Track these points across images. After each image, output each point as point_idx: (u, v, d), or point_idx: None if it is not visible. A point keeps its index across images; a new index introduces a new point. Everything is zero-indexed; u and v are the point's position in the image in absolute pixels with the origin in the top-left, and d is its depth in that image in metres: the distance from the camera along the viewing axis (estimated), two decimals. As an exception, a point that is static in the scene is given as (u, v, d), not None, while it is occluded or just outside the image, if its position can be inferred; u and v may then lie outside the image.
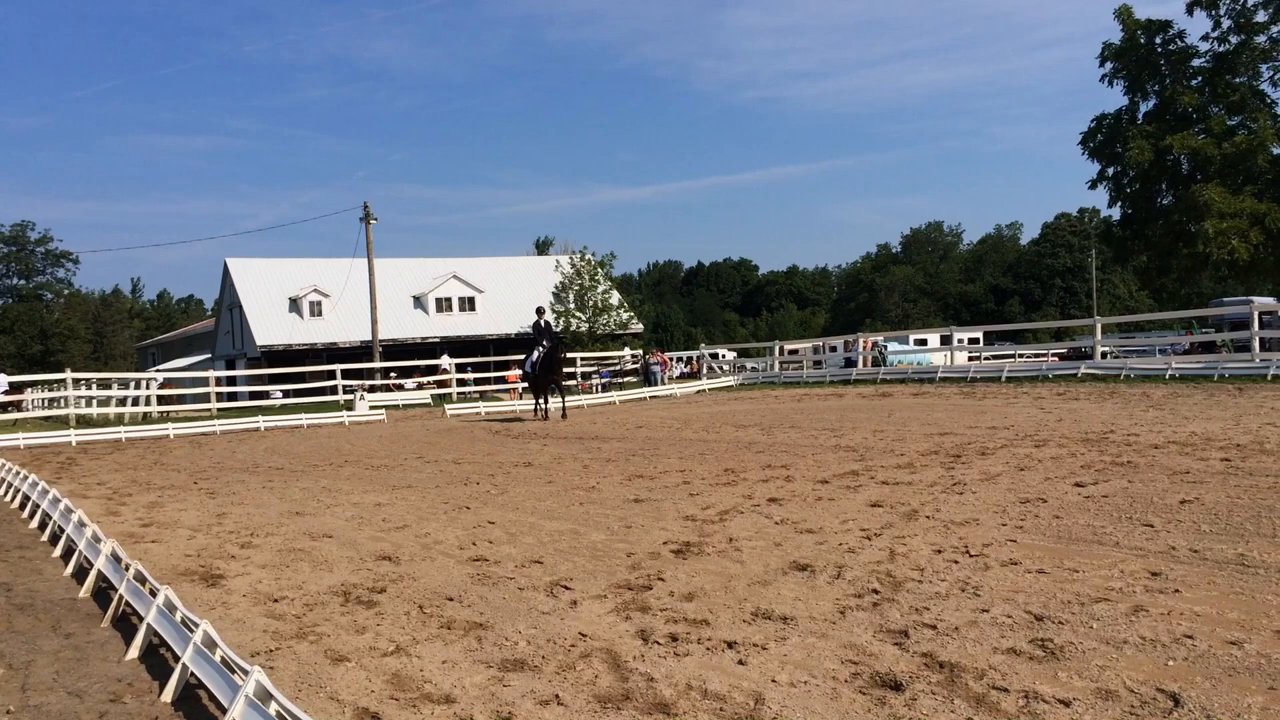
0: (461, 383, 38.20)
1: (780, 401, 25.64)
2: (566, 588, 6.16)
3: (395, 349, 49.52)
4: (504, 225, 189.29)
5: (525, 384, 26.04)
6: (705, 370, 42.38)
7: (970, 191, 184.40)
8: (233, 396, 40.35)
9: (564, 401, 24.30)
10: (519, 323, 56.37)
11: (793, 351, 49.43)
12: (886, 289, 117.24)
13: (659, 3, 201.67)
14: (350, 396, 32.05)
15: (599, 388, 37.35)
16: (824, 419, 18.44)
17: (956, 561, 6.31)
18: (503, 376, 39.41)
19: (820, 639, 4.84)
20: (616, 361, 42.58)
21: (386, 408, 30.20)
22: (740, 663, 4.56)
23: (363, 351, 46.53)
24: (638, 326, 59.30)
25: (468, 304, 58.49)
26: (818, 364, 42.16)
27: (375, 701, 4.31)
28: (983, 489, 9.11)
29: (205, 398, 32.82)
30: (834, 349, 47.39)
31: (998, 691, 4.01)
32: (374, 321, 43.48)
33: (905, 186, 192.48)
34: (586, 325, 53.45)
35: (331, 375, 36.03)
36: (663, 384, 37.18)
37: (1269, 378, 21.33)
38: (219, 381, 36.80)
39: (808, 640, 4.84)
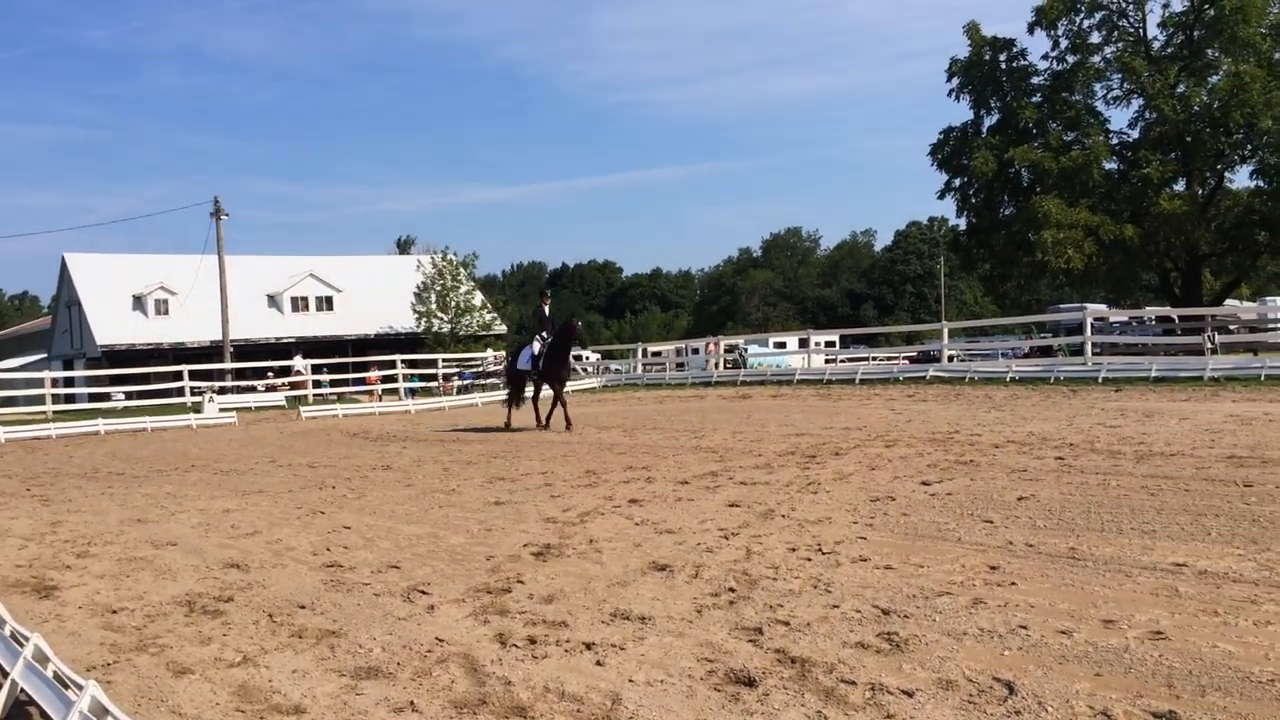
0: (318, 384, 37.18)
1: (643, 403, 25.85)
2: (424, 592, 6.06)
3: (248, 349, 47.83)
4: (365, 224, 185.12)
5: (514, 382, 19.63)
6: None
7: (828, 198, 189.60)
8: (70, 399, 38.30)
9: (566, 407, 18.42)
10: (379, 323, 55.24)
11: (656, 353, 49.93)
12: (747, 292, 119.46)
13: (525, 3, 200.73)
14: (199, 399, 30.84)
15: (461, 389, 36.91)
16: (685, 420, 18.68)
17: (810, 559, 6.47)
18: (362, 378, 38.54)
19: (677, 638, 4.90)
20: (479, 363, 42.18)
21: (237, 410, 29.15)
22: (598, 663, 4.57)
23: (213, 352, 44.79)
24: (501, 328, 58.83)
25: (325, 303, 56.98)
26: (680, 366, 42.66)
27: (220, 714, 4.15)
28: (836, 488, 9.37)
29: (40, 399, 31.04)
30: (696, 351, 48.04)
31: (846, 684, 4.13)
32: (224, 321, 41.92)
33: (766, 192, 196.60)
34: (448, 326, 52.70)
35: (178, 376, 34.59)
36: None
37: (1100, 380, 22.61)
38: (56, 383, 34.87)
39: (665, 639, 4.89)
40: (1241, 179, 38.18)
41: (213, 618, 5.72)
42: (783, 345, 50.14)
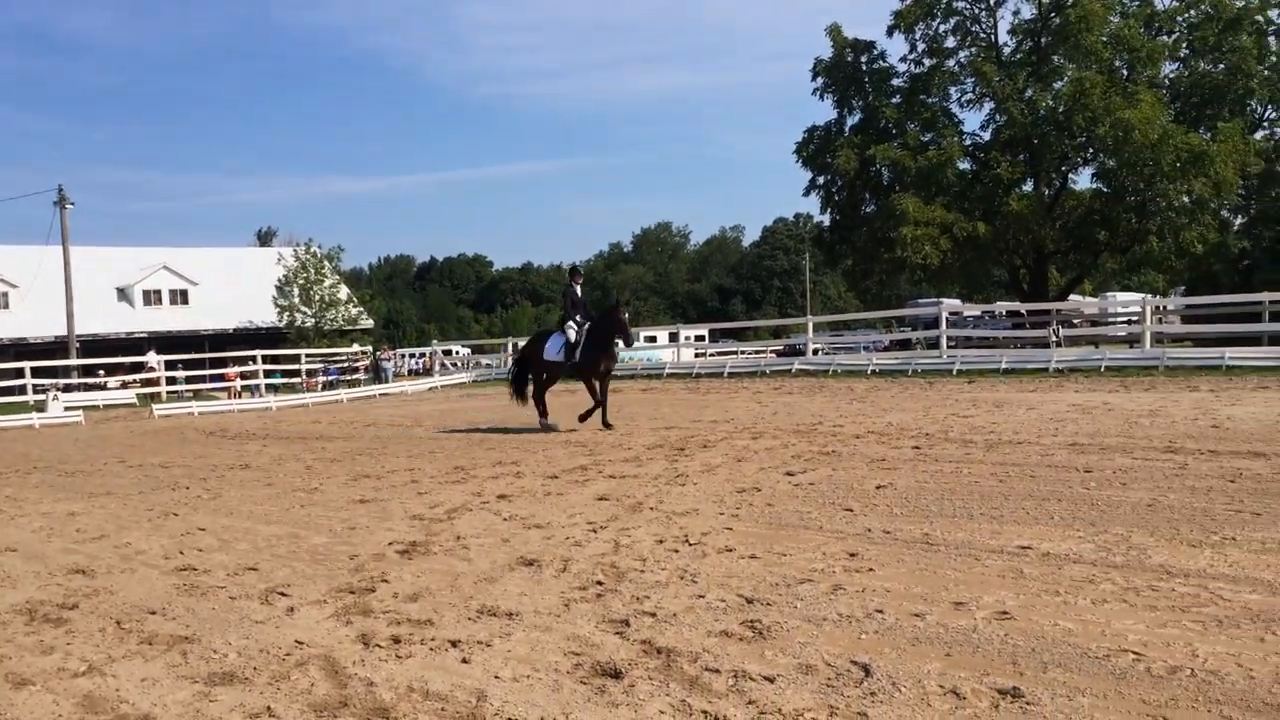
0: (172, 381, 35.70)
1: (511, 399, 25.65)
2: (283, 594, 5.89)
3: (96, 345, 45.54)
4: (222, 215, 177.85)
5: (542, 376, 16.17)
6: (438, 367, 41.81)
7: (698, 194, 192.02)
8: (-103, 398, 35.76)
9: (604, 403, 15.50)
10: (238, 317, 53.33)
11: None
12: (619, 287, 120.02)
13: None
14: (42, 397, 29.24)
15: (325, 385, 36.01)
16: (555, 415, 18.61)
17: (677, 550, 6.54)
18: (220, 374, 37.19)
19: (544, 633, 4.89)
20: (344, 358, 41.21)
21: (84, 409, 27.77)
22: (464, 661, 4.53)
23: (58, 348, 42.51)
24: (368, 322, 57.57)
25: (180, 297, 54.68)
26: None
27: (61, 729, 3.95)
28: (703, 480, 9.50)
29: None
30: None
31: (710, 673, 4.20)
32: (70, 315, 39.83)
33: (637, 187, 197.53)
34: (312, 321, 51.29)
35: (19, 374, 32.73)
36: (392, 380, 36.33)
37: (954, 372, 23.54)
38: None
39: (532, 635, 4.87)
40: (1084, 181, 40.16)
41: (55, 626, 5.44)
42: (653, 339, 50.48)
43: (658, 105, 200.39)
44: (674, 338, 43.15)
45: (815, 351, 33.87)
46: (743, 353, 42.08)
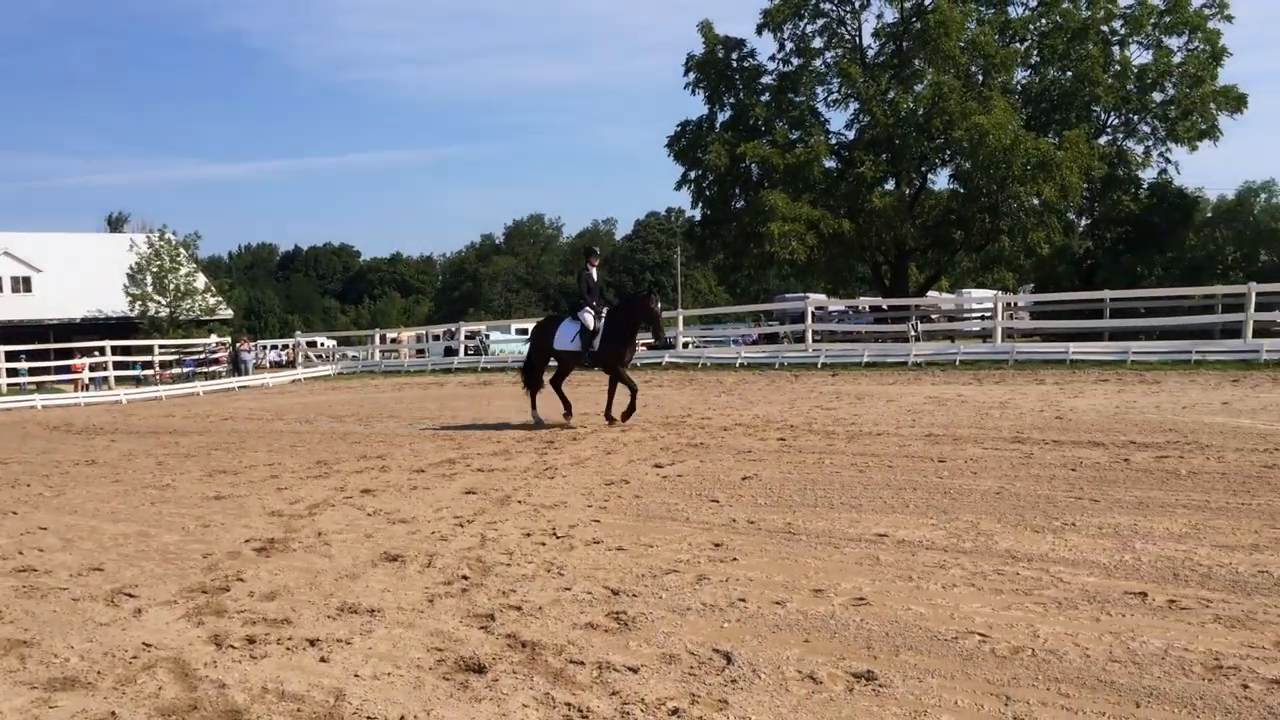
0: (13, 373, 33.74)
1: (380, 391, 25.19)
2: (130, 595, 5.65)
3: (-72, 334, 42.71)
4: (69, 198, 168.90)
5: (553, 365, 15.00)
6: (302, 359, 40.68)
7: (570, 187, 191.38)
8: None
9: (632, 390, 13.85)
10: (86, 306, 50.72)
11: (395, 340, 48.81)
12: (490, 279, 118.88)
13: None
14: None
15: (180, 378, 34.62)
16: (424, 407, 18.36)
17: (544, 543, 6.53)
18: (66, 366, 35.32)
19: (407, 629, 4.82)
20: (201, 350, 39.69)
21: (-85, 402, 26.03)
22: (323, 660, 4.43)
23: (-116, 337, 39.68)
24: (227, 312, 55.51)
25: (22, 284, 51.66)
26: (420, 353, 41.90)
27: (-120, 744, 3.70)
28: (572, 472, 9.50)
29: None
30: (437, 337, 47.33)
31: (574, 665, 4.20)
32: (-101, 302, 37.22)
33: (509, 178, 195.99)
34: (167, 311, 49.19)
35: None
36: (252, 373, 35.19)
37: (820, 365, 24.12)
38: None
39: (394, 631, 4.79)
40: (942, 181, 41.68)
41: (-125, 636, 5.09)
42: (525, 332, 50.19)
43: (528, 95, 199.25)
44: (545, 330, 42.98)
45: (686, 345, 34.23)
46: (614, 345, 42.14)
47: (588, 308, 13.91)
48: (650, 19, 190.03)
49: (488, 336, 43.46)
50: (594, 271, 14.32)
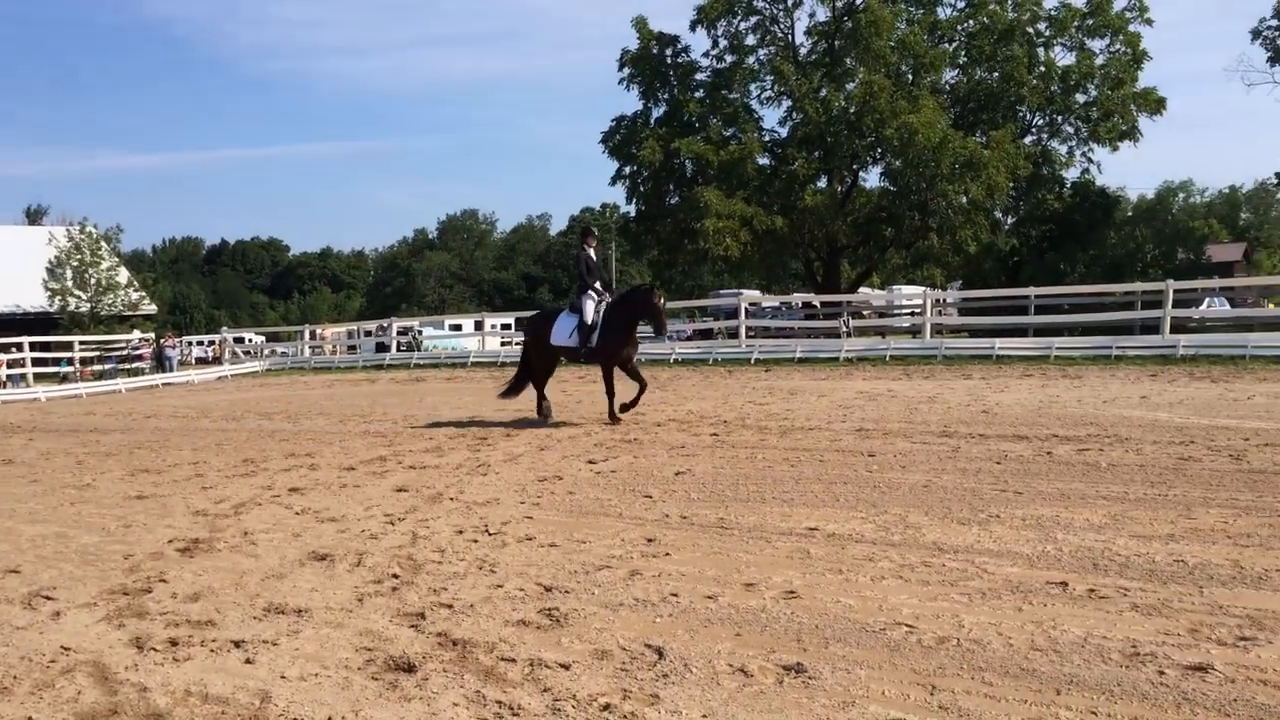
0: (-75, 370, 32.60)
1: (310, 388, 24.80)
2: (48, 598, 5.49)
3: None
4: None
5: (541, 362, 13.96)
6: (229, 355, 39.91)
7: (504, 181, 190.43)
8: None
9: (641, 386, 13.32)
10: (2, 301, 49.16)
11: (321, 336, 48.14)
12: (423, 274, 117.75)
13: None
14: None
15: (104, 375, 33.73)
16: (355, 404, 18.13)
17: (476, 541, 6.49)
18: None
19: (336, 629, 4.75)
20: (124, 346, 38.72)
21: None
22: (248, 661, 4.35)
23: None
24: (151, 308, 54.12)
25: (-66, 278, 49.89)
26: (352, 349, 41.35)
27: None
28: (505, 469, 9.45)
29: None
30: (369, 334, 46.77)
31: (505, 662, 4.18)
32: None
33: (442, 173, 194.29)
34: (88, 306, 47.87)
35: None
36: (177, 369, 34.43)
37: (753, 361, 24.30)
38: None
39: (322, 631, 4.73)
40: (873, 179, 42.23)
41: None
42: (458, 328, 49.80)
43: (461, 88, 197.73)
44: (479, 326, 42.69)
45: (620, 340, 34.25)
46: (548, 341, 42.01)
47: (591, 293, 13.15)
48: (585, 13, 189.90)
49: (420, 333, 43.01)
50: (592, 252, 13.68)
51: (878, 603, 4.78)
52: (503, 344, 37.96)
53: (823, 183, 40.60)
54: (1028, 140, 40.73)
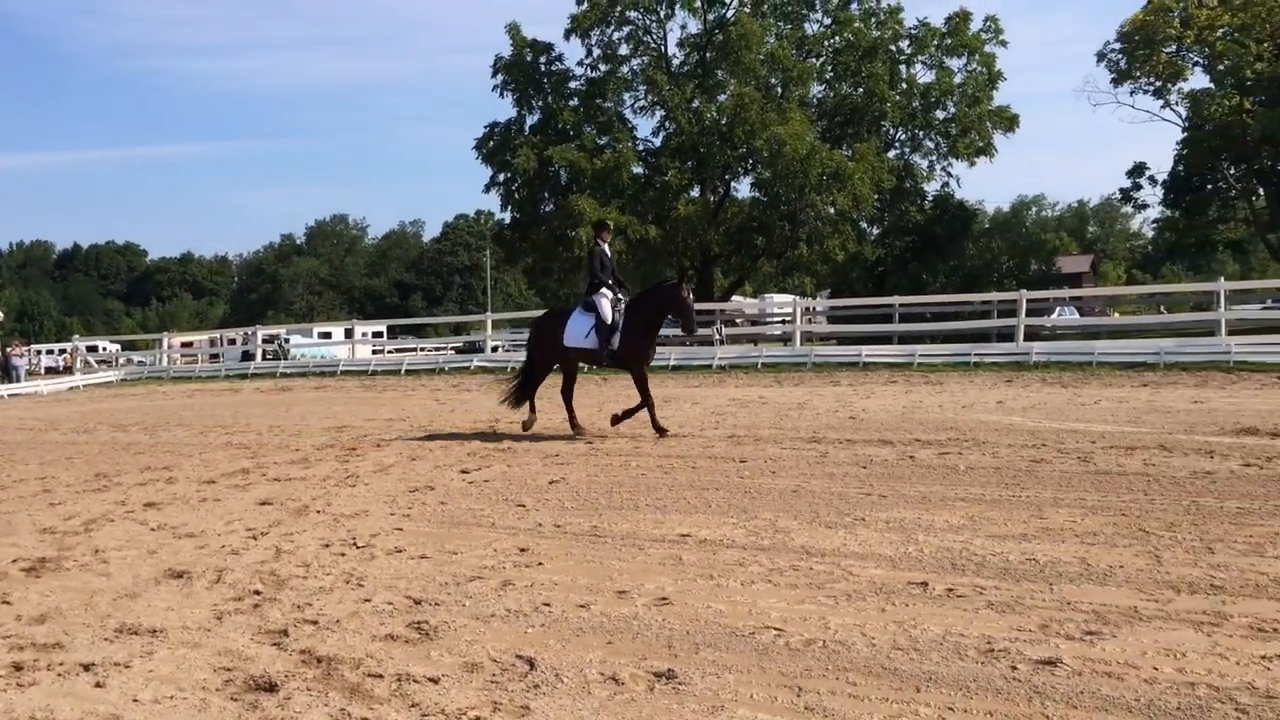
0: None
1: (169, 398, 23.85)
2: (-126, 627, 5.12)
3: None
4: None
5: (538, 367, 12.87)
6: (81, 364, 38.06)
7: (375, 186, 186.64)
8: None
9: (649, 399, 11.86)
10: None
11: (187, 344, 46.41)
12: (290, 280, 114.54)
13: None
14: None
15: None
16: (216, 415, 17.50)
17: (344, 554, 6.33)
18: None
19: (193, 649, 4.57)
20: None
21: None
22: (98, 685, 4.14)
23: None
24: (-4, 314, 51.35)
25: None
26: (214, 357, 39.91)
27: None
28: (375, 480, 9.26)
29: None
30: (232, 341, 45.23)
31: (372, 678, 4.09)
32: None
33: (310, 177, 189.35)
34: (-75, 312, 45.02)
35: None
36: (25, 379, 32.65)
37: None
38: None
39: (179, 652, 4.53)
40: (745, 190, 43.06)
41: None
42: (328, 336, 48.63)
43: (331, 91, 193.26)
44: (349, 334, 41.79)
45: (495, 348, 33.99)
46: (422, 350, 41.49)
47: (604, 290, 11.93)
48: (459, 18, 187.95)
49: (287, 341, 41.85)
50: (606, 247, 12.36)
51: (747, 607, 4.85)
52: (374, 352, 37.22)
53: (696, 192, 41.14)
54: (891, 154, 42.14)
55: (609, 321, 11.72)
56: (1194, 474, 7.81)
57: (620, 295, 12.06)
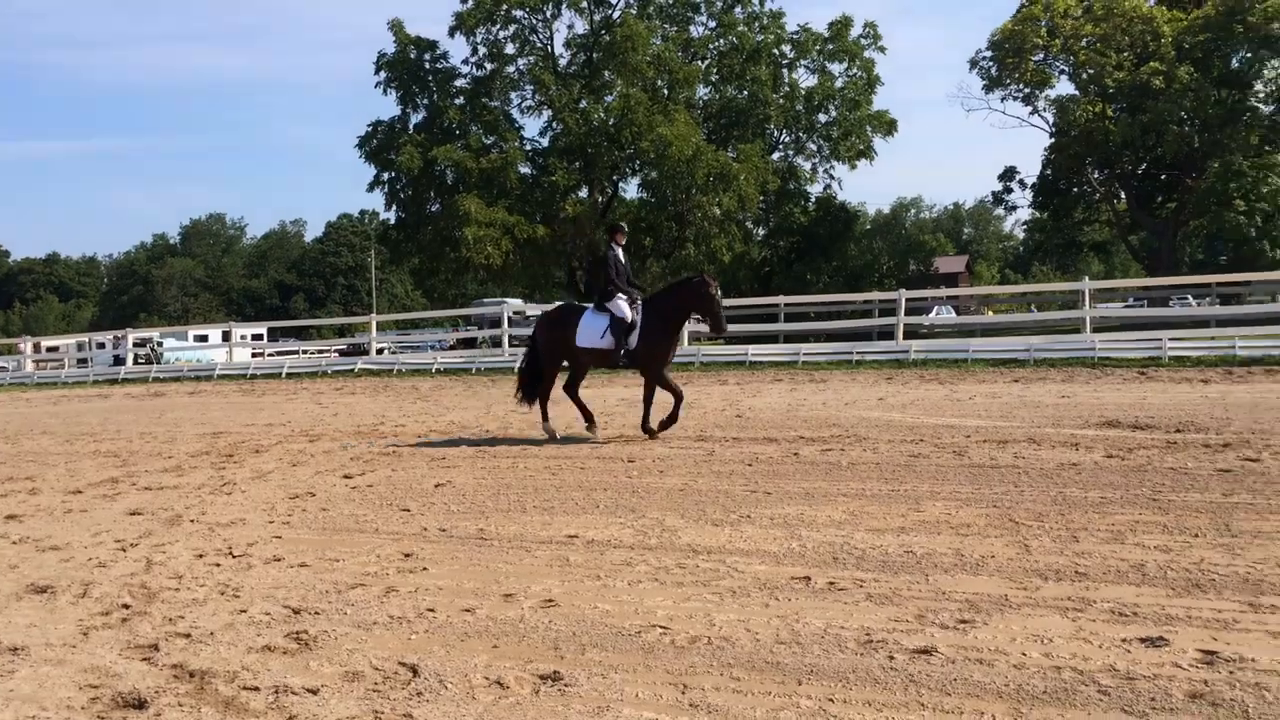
0: None
1: (33, 405, 22.74)
2: None
3: None
4: None
5: (541, 366, 11.91)
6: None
7: (254, 185, 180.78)
8: None
9: (677, 397, 11.12)
10: None
11: (52, 348, 44.33)
12: (164, 282, 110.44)
13: None
14: None
15: None
16: (84, 422, 16.75)
17: (219, 564, 6.13)
18: None
19: (57, 666, 4.36)
20: None
21: None
22: (-50, 711, 3.92)
23: None
24: None
25: None
26: (82, 362, 38.21)
27: None
28: (253, 487, 8.99)
29: None
30: (102, 345, 43.39)
31: (248, 691, 3.97)
32: None
33: (184, 174, 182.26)
34: None
35: None
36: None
37: (516, 370, 24.27)
38: None
39: (41, 670, 4.33)
40: (633, 190, 43.30)
41: None
42: (204, 339, 47.05)
43: (207, 87, 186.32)
44: (227, 337, 40.49)
45: (380, 351, 33.39)
46: (304, 352, 40.49)
47: (620, 294, 11.26)
48: (340, 15, 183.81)
49: (160, 344, 40.36)
50: (620, 251, 11.63)
51: (634, 606, 4.86)
52: (254, 355, 36.19)
53: (584, 193, 41.16)
54: (775, 156, 42.90)
55: (628, 321, 11.07)
56: (1061, 466, 8.14)
57: (636, 296, 11.39)
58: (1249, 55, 38.59)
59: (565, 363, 11.91)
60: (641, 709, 3.67)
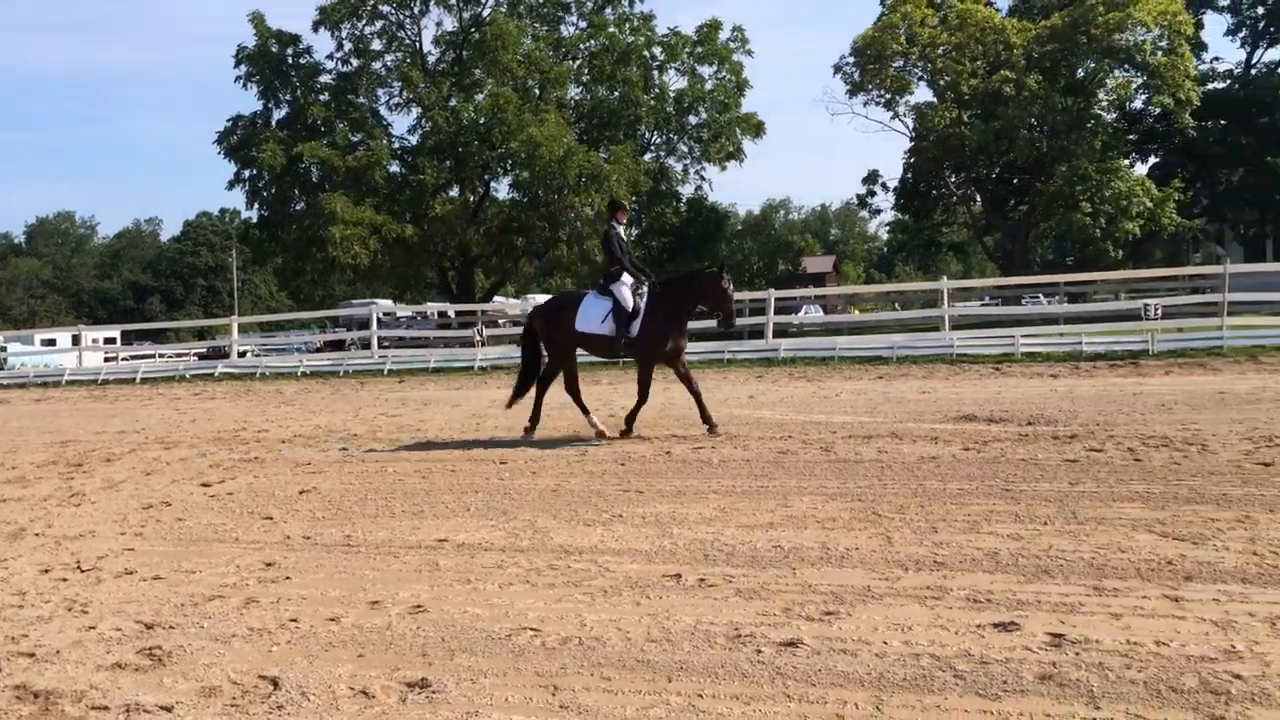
0: None
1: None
2: None
3: None
4: None
5: (530, 356, 11.79)
6: None
7: (105, 182, 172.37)
8: None
9: (700, 400, 11.00)
10: None
11: None
12: (8, 283, 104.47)
13: None
14: None
15: None
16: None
17: (66, 579, 5.83)
18: None
19: (-120, 697, 4.06)
20: None
21: None
22: None
23: None
24: None
25: None
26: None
27: None
28: (104, 498, 8.58)
29: None
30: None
31: (97, 711, 3.78)
32: None
33: (29, 172, 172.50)
34: None
35: None
36: None
37: (386, 372, 23.83)
38: None
39: None
40: (504, 190, 42.96)
41: None
42: (52, 342, 44.69)
43: (53, 80, 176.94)
44: (77, 340, 38.55)
45: (242, 354, 32.32)
46: (160, 356, 38.89)
47: (624, 275, 10.83)
48: (196, 6, 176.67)
49: (3, 349, 38.18)
50: (621, 229, 11.25)
51: (505, 609, 4.82)
52: (106, 359, 34.58)
53: (454, 192, 40.65)
54: (647, 157, 43.17)
55: (629, 307, 10.72)
56: (921, 459, 8.42)
57: (641, 281, 10.98)
58: (1093, 65, 40.65)
59: (579, 350, 11.52)
60: (511, 713, 3.63)
